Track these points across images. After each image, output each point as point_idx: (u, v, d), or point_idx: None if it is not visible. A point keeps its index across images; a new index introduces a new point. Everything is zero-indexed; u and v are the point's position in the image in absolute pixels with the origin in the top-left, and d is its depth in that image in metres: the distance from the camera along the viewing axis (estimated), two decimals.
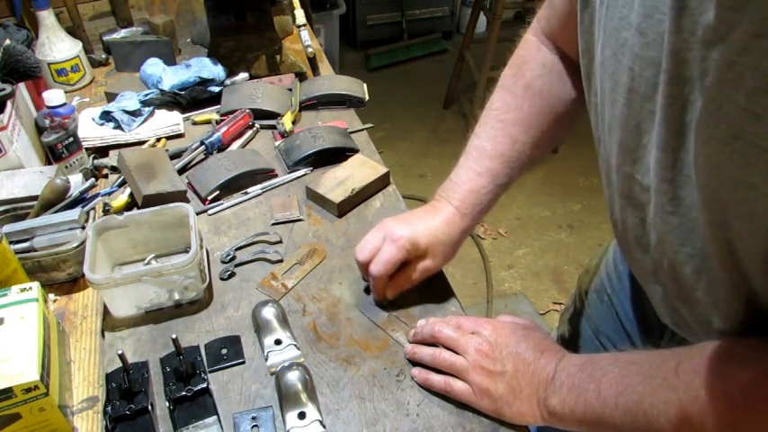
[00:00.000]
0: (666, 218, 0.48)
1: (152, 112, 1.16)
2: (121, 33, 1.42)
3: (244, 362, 0.72)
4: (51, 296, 0.81)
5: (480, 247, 2.34)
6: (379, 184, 1.00)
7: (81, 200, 0.92)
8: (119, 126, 1.11)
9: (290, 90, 1.22)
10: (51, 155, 0.99)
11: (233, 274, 0.84)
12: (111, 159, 1.05)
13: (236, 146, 1.09)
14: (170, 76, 1.16)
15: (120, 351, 0.66)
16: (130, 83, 1.23)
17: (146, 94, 1.15)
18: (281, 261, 0.86)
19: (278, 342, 0.73)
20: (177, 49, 1.41)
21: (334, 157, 1.04)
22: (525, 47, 0.76)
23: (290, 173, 1.03)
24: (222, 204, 0.96)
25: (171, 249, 0.87)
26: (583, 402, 0.56)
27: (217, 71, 1.20)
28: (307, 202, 0.98)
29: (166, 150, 1.06)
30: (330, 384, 0.70)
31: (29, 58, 1.08)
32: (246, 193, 0.99)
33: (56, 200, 0.89)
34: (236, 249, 0.87)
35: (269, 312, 0.75)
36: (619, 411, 0.52)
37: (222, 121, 1.11)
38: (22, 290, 0.67)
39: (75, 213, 0.85)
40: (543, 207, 2.56)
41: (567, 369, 0.59)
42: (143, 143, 1.10)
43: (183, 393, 0.66)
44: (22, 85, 1.10)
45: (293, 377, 0.67)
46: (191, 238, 0.76)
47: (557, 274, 2.25)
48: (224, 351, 0.73)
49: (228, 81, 1.22)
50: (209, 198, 0.96)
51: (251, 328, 0.76)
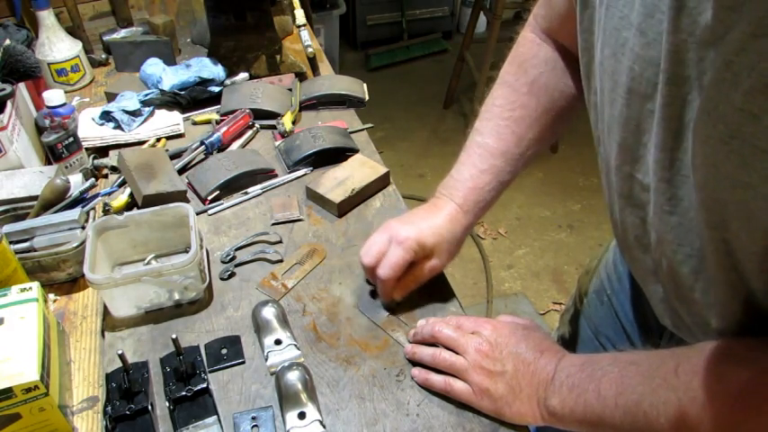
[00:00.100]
0: (665, 217, 0.48)
1: (152, 112, 1.16)
2: (121, 33, 1.42)
3: (244, 362, 0.73)
4: (51, 296, 0.81)
5: (480, 247, 2.34)
6: (379, 184, 1.00)
7: (81, 200, 0.92)
8: (119, 126, 1.11)
9: (290, 90, 1.22)
10: (51, 155, 0.99)
11: (233, 274, 0.84)
12: (111, 159, 1.05)
13: (236, 146, 1.09)
14: (170, 76, 1.16)
15: (120, 351, 0.66)
16: (130, 83, 1.23)
17: (146, 94, 1.15)
18: (281, 261, 0.86)
19: (278, 342, 0.73)
20: (177, 49, 1.41)
21: (334, 157, 1.04)
22: (525, 44, 0.76)
23: (290, 173, 1.03)
24: (222, 204, 0.96)
25: (171, 249, 0.87)
26: (583, 402, 0.56)
27: (217, 71, 1.20)
28: (307, 202, 0.98)
29: (166, 150, 1.06)
30: (330, 384, 0.70)
31: (29, 58, 1.08)
32: (246, 193, 0.99)
33: (56, 200, 0.90)
34: (236, 249, 0.87)
35: (269, 312, 0.75)
36: (618, 411, 0.52)
37: (222, 121, 1.11)
38: (22, 290, 0.67)
39: (75, 213, 0.85)
40: (543, 207, 2.56)
41: (567, 369, 0.59)
42: (143, 143, 1.10)
43: (183, 393, 0.66)
44: (22, 85, 1.10)
45: (293, 377, 0.67)
46: (191, 238, 0.76)
47: (557, 274, 2.25)
48: (224, 351, 0.73)
49: (228, 81, 1.22)
50: (209, 198, 0.96)
51: (251, 328, 0.76)
